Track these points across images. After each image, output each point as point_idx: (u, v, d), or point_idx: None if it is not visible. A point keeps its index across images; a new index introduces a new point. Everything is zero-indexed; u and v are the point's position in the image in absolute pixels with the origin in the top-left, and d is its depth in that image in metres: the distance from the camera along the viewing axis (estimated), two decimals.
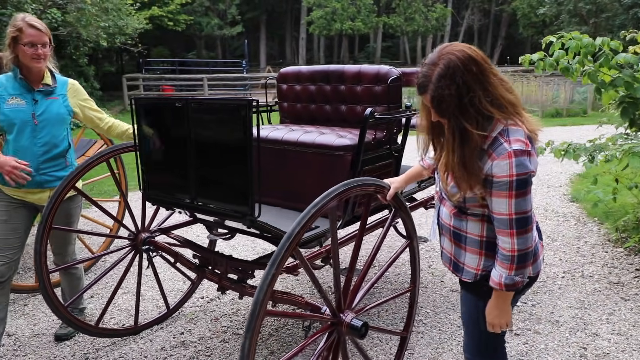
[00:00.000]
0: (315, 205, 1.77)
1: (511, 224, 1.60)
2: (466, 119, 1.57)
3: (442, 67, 1.55)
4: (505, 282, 1.66)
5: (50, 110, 2.71)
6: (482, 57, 1.60)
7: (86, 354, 2.92)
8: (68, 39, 13.81)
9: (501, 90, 1.59)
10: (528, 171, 1.56)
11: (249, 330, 1.58)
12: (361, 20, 27.25)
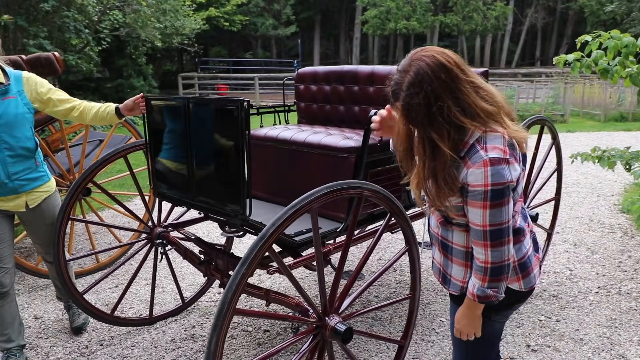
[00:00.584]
0: (293, 207, 1.76)
1: (485, 236, 1.53)
2: (435, 130, 1.49)
3: (412, 75, 1.48)
4: (477, 292, 1.60)
5: (9, 112, 2.41)
6: (456, 62, 1.49)
7: (102, 340, 3.06)
8: (128, 39, 14.50)
9: (474, 98, 1.49)
10: (505, 181, 1.47)
11: (215, 329, 1.60)
12: (416, 20, 26.80)
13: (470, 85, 1.49)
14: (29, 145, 2.53)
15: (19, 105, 2.47)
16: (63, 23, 10.06)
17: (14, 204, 2.57)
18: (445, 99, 1.46)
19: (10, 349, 2.68)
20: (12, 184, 2.51)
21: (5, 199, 2.54)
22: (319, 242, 1.90)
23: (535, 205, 3.69)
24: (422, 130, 1.53)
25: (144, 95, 2.60)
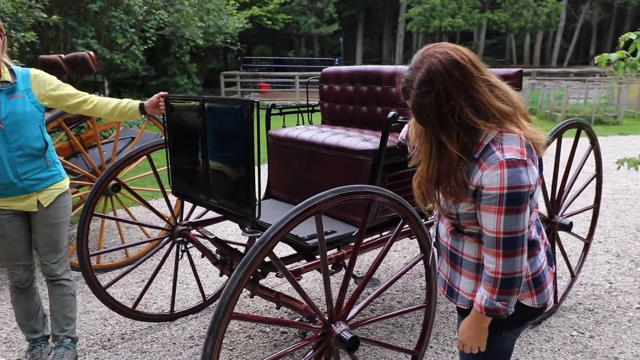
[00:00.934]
0: (296, 211, 1.72)
1: (497, 243, 1.43)
2: (444, 131, 1.42)
3: (423, 72, 1.40)
4: (485, 305, 1.50)
5: (16, 111, 2.36)
6: (470, 59, 1.41)
7: (124, 334, 3.13)
8: (172, 38, 14.87)
9: (489, 97, 1.40)
10: (522, 184, 1.37)
11: (211, 332, 1.58)
12: (462, 17, 26.14)
13: (485, 84, 1.41)
14: (38, 144, 2.46)
15: (27, 103, 2.42)
16: (110, 23, 10.41)
17: (25, 204, 2.50)
18: (458, 98, 1.38)
19: (35, 340, 2.78)
20: (21, 184, 2.44)
21: (17, 198, 2.48)
22: (324, 248, 1.85)
23: (572, 214, 3.50)
24: (431, 130, 1.45)
25: (163, 95, 2.62)
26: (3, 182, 2.40)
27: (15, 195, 2.46)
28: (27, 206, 2.51)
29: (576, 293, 3.64)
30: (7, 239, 2.53)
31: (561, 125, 2.93)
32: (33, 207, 2.51)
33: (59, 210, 2.58)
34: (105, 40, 10.82)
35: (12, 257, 2.58)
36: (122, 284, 3.80)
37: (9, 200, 2.46)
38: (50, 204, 2.53)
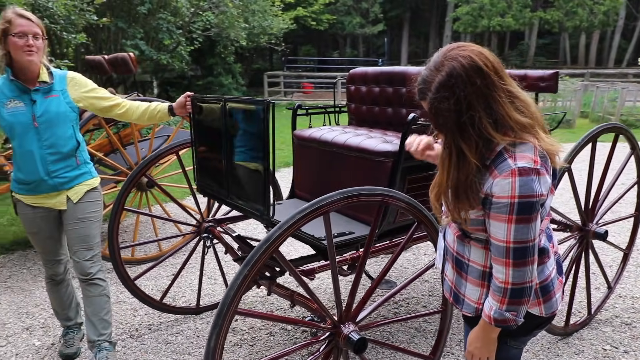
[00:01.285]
0: (303, 211, 1.73)
1: (507, 253, 1.39)
2: (464, 139, 1.37)
3: (444, 75, 1.34)
4: (494, 315, 1.46)
5: (51, 110, 2.44)
6: (494, 66, 1.36)
7: (151, 325, 3.24)
8: (218, 39, 15.21)
9: (509, 109, 1.35)
10: (534, 194, 1.33)
11: (215, 327, 1.62)
12: (512, 16, 25.32)
13: (505, 94, 1.36)
14: (70, 143, 2.52)
15: (61, 103, 2.49)
16: (157, 25, 10.77)
17: (55, 201, 2.55)
18: (478, 108, 1.34)
19: (69, 326, 2.93)
20: (51, 181, 2.49)
21: (48, 195, 2.53)
22: (333, 248, 1.86)
23: (609, 222, 3.34)
24: (450, 137, 1.41)
25: (189, 95, 2.69)
26: (34, 179, 2.47)
27: (46, 193, 2.52)
28: (58, 203, 2.56)
29: (613, 305, 3.47)
30: (41, 235, 2.63)
31: (595, 129, 2.80)
32: (63, 205, 2.56)
33: (89, 205, 2.62)
34: (153, 41, 11.21)
35: (45, 252, 2.70)
36: (154, 277, 3.94)
37: (40, 197, 2.53)
38: (79, 200, 2.58)
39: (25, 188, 2.53)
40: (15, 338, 3.12)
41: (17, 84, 2.40)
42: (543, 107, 13.45)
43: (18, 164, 2.50)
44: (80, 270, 2.63)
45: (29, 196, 2.54)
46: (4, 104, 2.40)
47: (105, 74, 4.60)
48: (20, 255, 4.47)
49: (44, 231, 2.62)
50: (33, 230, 2.62)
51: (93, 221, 2.65)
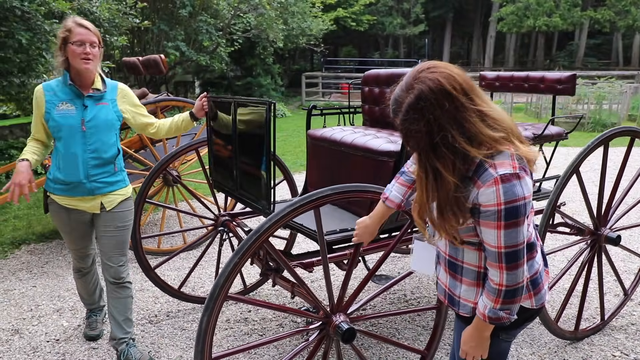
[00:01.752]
0: (293, 205, 1.84)
1: (500, 258, 1.45)
2: (438, 158, 1.41)
3: (412, 97, 1.37)
4: (489, 314, 1.52)
5: (99, 117, 2.56)
6: (462, 88, 1.38)
7: (169, 312, 3.43)
8: (257, 40, 15.55)
9: (481, 127, 1.39)
10: (518, 198, 1.38)
11: (206, 309, 1.75)
12: (560, 16, 24.48)
13: (476, 114, 1.39)
14: (111, 150, 2.62)
15: (110, 112, 2.61)
16: (198, 27, 11.15)
17: (89, 205, 2.63)
18: (449, 128, 1.37)
19: (93, 309, 3.16)
20: (89, 185, 2.56)
21: (83, 199, 2.60)
22: (324, 243, 1.95)
23: (625, 227, 3.28)
24: (424, 157, 1.44)
25: (204, 96, 2.84)
26: (73, 180, 2.54)
27: (82, 196, 2.59)
28: (92, 207, 2.64)
29: (631, 313, 3.39)
30: (74, 234, 2.75)
31: (608, 133, 2.77)
32: (96, 209, 2.64)
33: (122, 214, 2.71)
34: (194, 43, 11.62)
35: (76, 249, 2.84)
36: (177, 268, 4.15)
37: (75, 199, 2.61)
38: (112, 208, 2.66)
39: (61, 188, 2.59)
40: (46, 318, 3.38)
41: (73, 88, 2.51)
42: (588, 110, 13.01)
43: (59, 165, 2.56)
44: (113, 275, 2.74)
45: (63, 197, 2.60)
46: (55, 105, 2.50)
47: (139, 74, 4.86)
48: (58, 244, 4.80)
49: (76, 231, 2.73)
50: (65, 230, 2.74)
51: (128, 229, 2.76)
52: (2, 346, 3.05)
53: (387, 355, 2.89)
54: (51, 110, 2.50)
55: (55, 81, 2.56)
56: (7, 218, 5.57)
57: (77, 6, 6.49)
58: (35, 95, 2.54)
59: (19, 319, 3.38)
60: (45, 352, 2.99)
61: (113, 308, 2.79)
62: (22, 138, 8.97)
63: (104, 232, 2.70)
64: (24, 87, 6.58)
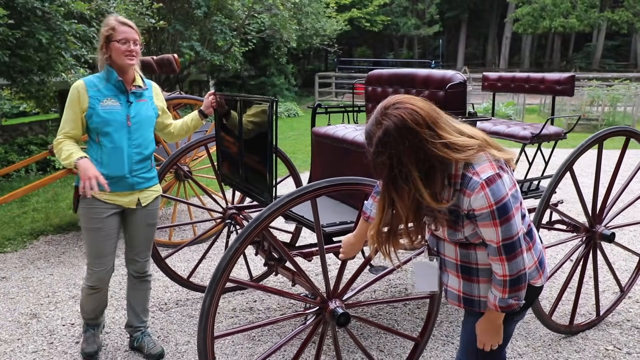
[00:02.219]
0: (290, 195, 1.97)
1: (500, 251, 1.57)
2: (395, 189, 1.54)
3: (380, 132, 1.49)
4: (499, 304, 1.64)
5: (142, 113, 2.63)
6: (426, 121, 1.49)
7: (178, 300, 3.59)
8: (271, 40, 15.74)
9: (447, 153, 1.50)
10: (504, 195, 1.52)
11: (209, 291, 1.88)
12: (576, 17, 24.27)
13: (441, 144, 1.49)
14: (151, 146, 2.70)
15: (149, 108, 2.69)
16: (212, 27, 11.35)
17: (127, 200, 2.65)
18: (408, 163, 1.48)
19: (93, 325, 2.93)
20: (131, 180, 2.61)
21: (122, 194, 2.63)
22: (320, 232, 2.08)
23: (620, 225, 3.35)
24: (385, 187, 1.57)
25: (212, 93, 2.98)
26: (117, 174, 2.56)
27: (122, 191, 2.61)
28: (129, 202, 2.66)
29: (627, 310, 3.46)
30: (102, 233, 2.64)
31: (602, 132, 2.85)
32: (133, 205, 2.67)
33: (155, 211, 2.80)
34: (209, 42, 11.82)
35: (100, 254, 2.66)
36: (187, 260, 4.31)
37: (114, 194, 2.60)
38: (147, 204, 2.72)
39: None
40: (62, 304, 3.55)
41: (120, 85, 2.55)
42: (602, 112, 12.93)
43: (101, 160, 2.56)
44: (138, 269, 2.84)
45: (102, 192, 2.54)
46: (100, 101, 2.52)
47: (153, 73, 5.03)
48: (74, 235, 5.00)
49: (107, 228, 2.64)
50: (97, 226, 2.62)
51: (156, 225, 2.86)
52: (21, 329, 3.23)
53: (384, 345, 3.01)
54: (95, 105, 2.51)
55: (95, 77, 2.57)
56: (26, 211, 5.80)
57: (95, 7, 6.71)
58: (77, 90, 2.52)
59: (36, 304, 3.56)
60: (61, 335, 3.16)
61: (132, 298, 2.90)
62: (42, 135, 9.25)
63: (136, 228, 2.75)
64: (44, 85, 6.82)
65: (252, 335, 3.13)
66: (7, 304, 3.57)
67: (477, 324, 1.75)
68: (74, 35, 6.40)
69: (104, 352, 2.96)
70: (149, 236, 2.83)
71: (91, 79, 2.56)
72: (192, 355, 2.92)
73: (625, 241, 4.60)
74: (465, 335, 1.87)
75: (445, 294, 1.87)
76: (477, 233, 1.62)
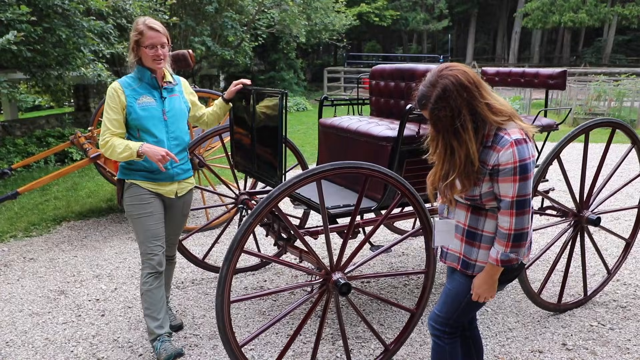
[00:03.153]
0: (298, 177, 2.21)
1: (512, 205, 1.82)
2: (456, 138, 1.80)
3: (439, 90, 1.76)
4: (501, 257, 1.88)
5: (175, 107, 2.76)
6: (474, 82, 1.79)
7: (194, 279, 3.86)
8: (281, 35, 15.97)
9: (487, 113, 1.80)
10: (528, 157, 1.78)
11: (226, 260, 2.13)
12: (586, 11, 24.21)
13: (483, 104, 1.79)
14: (187, 138, 2.85)
15: (181, 102, 2.82)
16: (223, 22, 11.59)
17: (167, 189, 2.79)
18: (466, 114, 1.77)
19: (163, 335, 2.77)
20: (172, 171, 2.75)
21: (163, 184, 2.76)
22: (325, 211, 2.33)
23: (608, 211, 3.55)
24: (444, 137, 1.83)
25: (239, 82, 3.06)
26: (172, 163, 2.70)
27: (164, 181, 2.76)
28: (169, 192, 2.80)
29: (615, 291, 3.67)
30: (155, 217, 2.75)
31: (589, 123, 3.05)
32: (172, 194, 2.82)
33: (189, 203, 2.98)
34: (219, 38, 12.08)
35: (155, 236, 2.74)
36: (201, 244, 4.58)
37: (156, 183, 2.75)
38: (182, 195, 2.88)
39: (145, 175, 2.72)
40: (87, 282, 3.84)
41: (154, 81, 2.68)
42: (608, 107, 13.02)
43: None
44: (169, 252, 3.03)
45: (146, 182, 2.72)
46: (136, 99, 2.65)
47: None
48: (95, 221, 5.30)
49: (157, 211, 2.76)
50: (148, 211, 2.73)
51: (188, 215, 3.05)
52: (51, 303, 3.52)
53: (384, 320, 3.26)
54: (133, 104, 2.64)
55: (129, 77, 2.71)
56: (48, 199, 6.11)
57: (112, 4, 6.98)
58: (114, 92, 2.64)
59: (63, 282, 3.85)
60: (87, 308, 3.44)
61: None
62: (58, 127, 9.56)
63: (172, 217, 2.91)
64: (61, 79, 7.12)
65: (262, 310, 3.40)
66: (36, 281, 3.86)
67: (475, 279, 1.99)
68: (92, 32, 6.68)
69: (127, 325, 3.24)
70: (181, 225, 3.00)
71: (125, 80, 2.70)
72: (208, 327, 3.19)
73: (620, 229, 4.79)
74: (448, 290, 2.11)
75: (444, 257, 2.12)
76: (492, 192, 1.86)
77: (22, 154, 8.03)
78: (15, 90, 5.99)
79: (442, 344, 2.13)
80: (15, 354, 2.91)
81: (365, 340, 3.03)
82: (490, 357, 2.87)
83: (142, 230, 2.74)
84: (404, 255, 4.35)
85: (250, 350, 2.93)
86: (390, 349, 2.74)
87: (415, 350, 2.93)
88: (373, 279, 3.86)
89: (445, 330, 2.11)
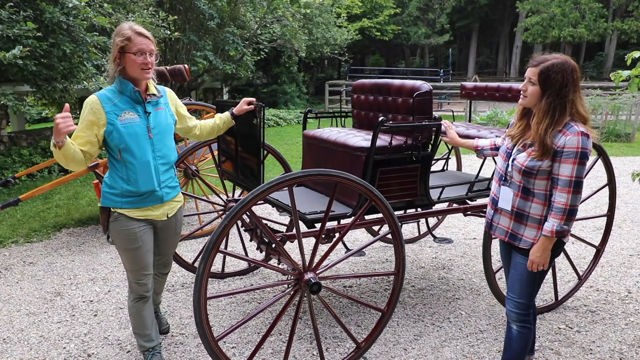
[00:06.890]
0: (269, 184, 2.40)
1: (570, 184, 2.19)
2: (559, 100, 2.18)
3: (556, 61, 2.18)
4: (557, 229, 2.22)
5: (161, 122, 2.54)
6: (577, 71, 2.22)
7: (184, 283, 4.05)
8: (283, 49, 16.30)
9: (579, 104, 2.22)
10: (589, 148, 2.19)
11: (202, 259, 2.32)
12: (585, 26, 24.46)
13: (578, 95, 2.23)
14: (174, 154, 2.62)
15: (167, 116, 2.59)
16: (225, 37, 11.91)
17: (159, 213, 2.62)
18: (570, 88, 2.18)
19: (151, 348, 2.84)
20: (160, 192, 2.57)
21: (153, 208, 2.58)
22: (297, 216, 2.51)
23: (579, 219, 3.71)
24: (551, 96, 2.19)
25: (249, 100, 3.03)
26: (147, 189, 2.50)
27: (153, 204, 2.57)
28: (160, 215, 2.63)
29: (586, 296, 3.82)
30: (142, 250, 2.59)
31: None
32: (164, 217, 2.65)
33: (181, 219, 2.84)
34: (221, 52, 12.39)
35: (143, 267, 2.63)
36: (194, 250, 4.77)
37: (145, 209, 2.56)
38: (173, 215, 2.73)
39: (132, 201, 2.52)
40: (82, 285, 4.03)
41: (136, 95, 2.44)
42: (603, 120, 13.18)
43: (127, 177, 2.47)
44: (163, 269, 2.99)
45: (134, 209, 2.53)
46: (118, 115, 2.40)
47: (166, 82, 5.51)
48: (93, 228, 5.50)
49: (146, 244, 2.61)
50: (136, 245, 2.56)
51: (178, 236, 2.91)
52: (47, 304, 3.71)
53: (362, 321, 3.42)
54: (114, 121, 2.39)
55: (108, 91, 2.44)
56: (50, 207, 6.33)
57: (115, 20, 7.27)
58: (91, 106, 2.39)
59: (60, 284, 4.05)
60: (81, 309, 3.63)
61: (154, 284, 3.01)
62: None
63: (166, 238, 2.79)
64: (66, 92, 7.39)
65: (246, 311, 3.57)
66: (34, 284, 4.06)
67: (531, 251, 2.32)
68: (95, 46, 6.96)
69: (118, 324, 3.43)
70: (175, 243, 2.90)
71: (104, 94, 2.43)
72: (194, 328, 3.36)
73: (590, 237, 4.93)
74: (517, 276, 2.45)
75: (492, 228, 2.55)
76: (548, 171, 2.22)
77: (27, 164, 8.28)
78: (20, 102, 6.24)
79: (530, 326, 2.49)
80: (12, 350, 3.10)
81: (342, 340, 3.20)
82: (459, 356, 3.03)
83: (130, 262, 2.63)
84: (387, 262, 4.52)
85: (232, 349, 3.10)
86: (362, 346, 2.90)
87: (388, 349, 3.09)
88: (355, 284, 4.03)
89: (529, 313, 2.47)
